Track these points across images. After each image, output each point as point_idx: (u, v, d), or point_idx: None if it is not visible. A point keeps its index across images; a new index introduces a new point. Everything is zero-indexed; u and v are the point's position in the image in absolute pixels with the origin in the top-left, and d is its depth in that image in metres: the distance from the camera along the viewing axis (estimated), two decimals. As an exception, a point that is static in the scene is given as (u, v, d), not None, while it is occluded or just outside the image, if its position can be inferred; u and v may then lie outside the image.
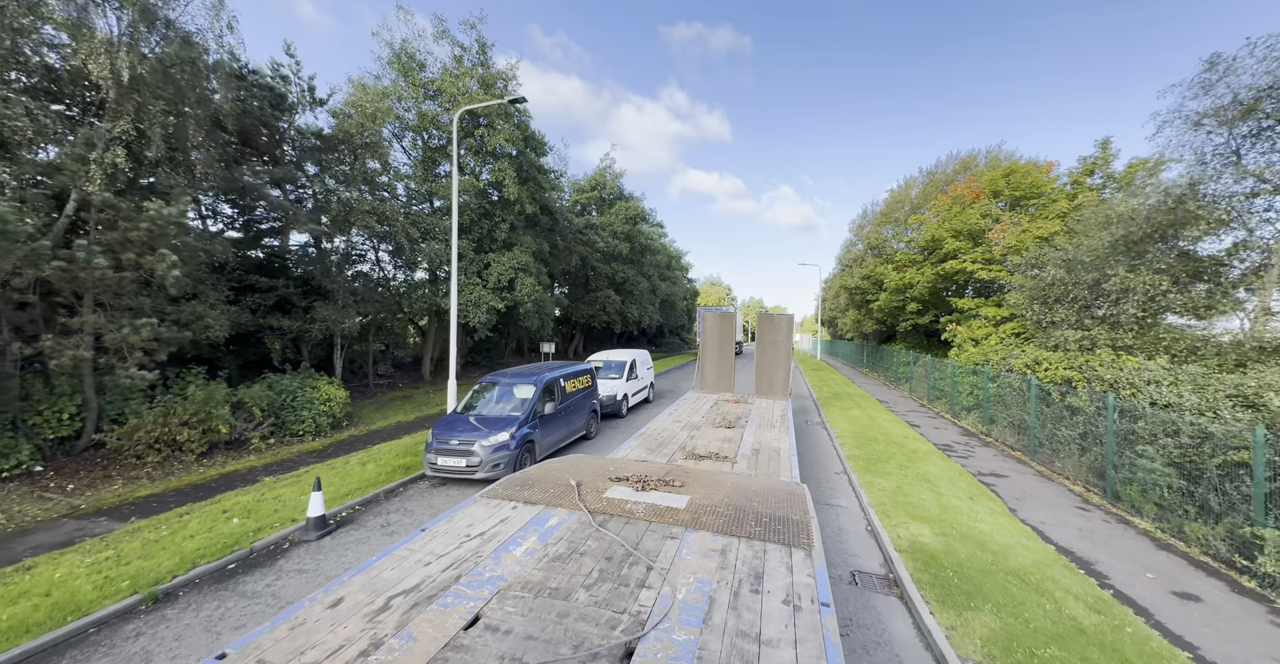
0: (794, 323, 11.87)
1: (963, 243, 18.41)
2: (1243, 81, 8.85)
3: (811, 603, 2.44)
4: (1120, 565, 6.34)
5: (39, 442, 8.58)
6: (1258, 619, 5.18)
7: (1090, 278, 10.67)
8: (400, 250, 17.30)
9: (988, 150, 24.50)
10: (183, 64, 9.76)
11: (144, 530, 6.62)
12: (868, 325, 28.98)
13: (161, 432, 9.43)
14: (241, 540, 6.37)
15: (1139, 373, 9.25)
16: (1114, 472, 8.61)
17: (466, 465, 8.75)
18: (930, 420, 15.64)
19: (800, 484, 4.33)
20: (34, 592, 5.03)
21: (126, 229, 8.61)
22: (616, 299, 31.27)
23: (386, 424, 13.96)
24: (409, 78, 18.08)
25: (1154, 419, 8.15)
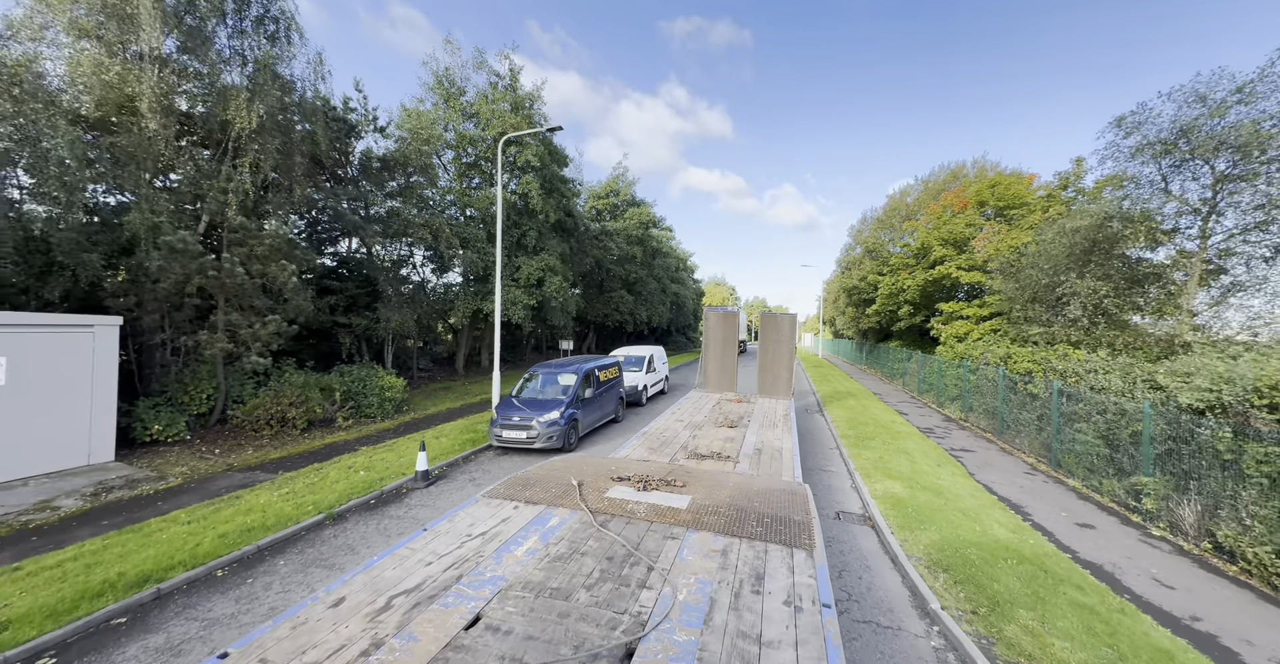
0: (797, 322, 12.11)
1: (949, 250, 20.28)
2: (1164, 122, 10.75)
3: (813, 604, 2.42)
4: (1044, 508, 8.28)
5: (186, 417, 10.67)
6: (1129, 538, 7.12)
7: (1046, 283, 12.57)
8: (442, 257, 19.36)
9: (974, 160, 26.35)
10: (289, 110, 11.86)
11: (297, 479, 8.68)
12: (865, 325, 30.88)
13: (275, 410, 11.51)
14: (373, 485, 8.41)
15: (1082, 364, 11.15)
16: (1058, 444, 10.51)
17: (526, 437, 10.78)
18: (918, 409, 17.53)
19: (802, 484, 4.30)
20: (254, 510, 7.10)
21: (253, 245, 10.69)
22: (629, 299, 33.30)
23: (438, 409, 16.00)
24: (450, 102, 20.14)
25: (1089, 401, 10.03)
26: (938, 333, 20.10)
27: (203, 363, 10.95)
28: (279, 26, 11.70)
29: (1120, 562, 6.37)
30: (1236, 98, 10.06)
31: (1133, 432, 8.95)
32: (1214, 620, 5.10)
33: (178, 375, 10.68)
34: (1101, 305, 11.44)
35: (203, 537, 6.28)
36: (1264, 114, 9.79)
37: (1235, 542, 6.18)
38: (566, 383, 12.38)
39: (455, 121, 20.17)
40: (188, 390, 10.72)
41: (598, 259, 28.88)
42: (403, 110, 19.05)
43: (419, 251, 20.30)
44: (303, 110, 12.37)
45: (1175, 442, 7.90)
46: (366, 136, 16.85)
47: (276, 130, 11.34)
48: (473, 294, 19.95)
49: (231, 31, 11.28)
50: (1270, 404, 6.50)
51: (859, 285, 28.74)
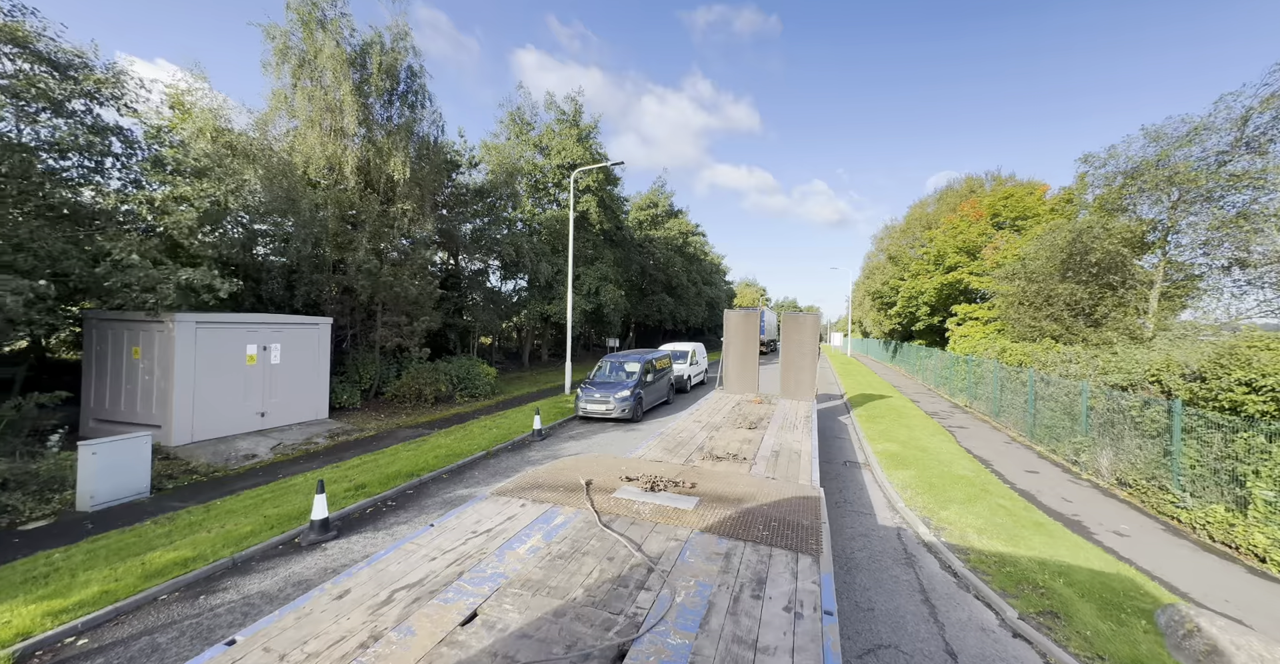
0: (820, 322, 12.24)
1: (962, 257, 22.53)
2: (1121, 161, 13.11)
3: (814, 611, 2.38)
4: (1006, 462, 10.93)
5: (358, 391, 14.51)
6: (1060, 479, 9.75)
7: (1035, 289, 15.00)
8: (517, 267, 23.03)
9: (989, 173, 28.23)
10: (423, 157, 15.62)
11: (453, 433, 12.23)
12: (888, 326, 33.01)
13: (414, 388, 15.24)
14: (506, 437, 11.85)
15: (1059, 355, 13.59)
16: (1031, 419, 13.00)
17: (604, 410, 14.08)
18: (930, 399, 19.95)
19: (817, 488, 4.26)
20: (439, 447, 10.63)
21: (408, 266, 14.42)
22: (670, 301, 36.48)
23: (520, 393, 19.57)
24: (522, 137, 23.87)
25: (1058, 384, 12.53)
26: (951, 333, 22.39)
27: (368, 351, 14.78)
28: (417, 97, 15.47)
29: (1044, 489, 9.08)
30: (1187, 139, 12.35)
31: (1086, 406, 11.46)
32: (1086, 515, 7.82)
33: (353, 361, 14.53)
34: (1078, 306, 13.83)
35: (422, 459, 9.80)
36: (1205, 152, 12.08)
37: (1124, 474, 8.79)
38: (631, 370, 15.65)
39: (528, 153, 23.87)
40: (360, 372, 14.56)
41: (642, 266, 32.21)
42: (483, 145, 22.87)
43: (494, 262, 24.09)
44: (430, 158, 16.13)
45: (1112, 412, 10.44)
46: (464, 171, 20.66)
47: (416, 175, 15.08)
48: (540, 299, 23.55)
49: (383, 104, 15.11)
50: (1157, 381, 9.05)
51: (881, 289, 30.97)
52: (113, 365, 9.80)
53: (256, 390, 11.04)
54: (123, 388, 9.76)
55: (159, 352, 9.50)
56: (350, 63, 13.46)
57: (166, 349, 9.41)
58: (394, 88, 14.90)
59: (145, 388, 9.61)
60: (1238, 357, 7.82)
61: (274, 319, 11.42)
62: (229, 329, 10.35)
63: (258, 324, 11.05)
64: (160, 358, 9.50)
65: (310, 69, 13.05)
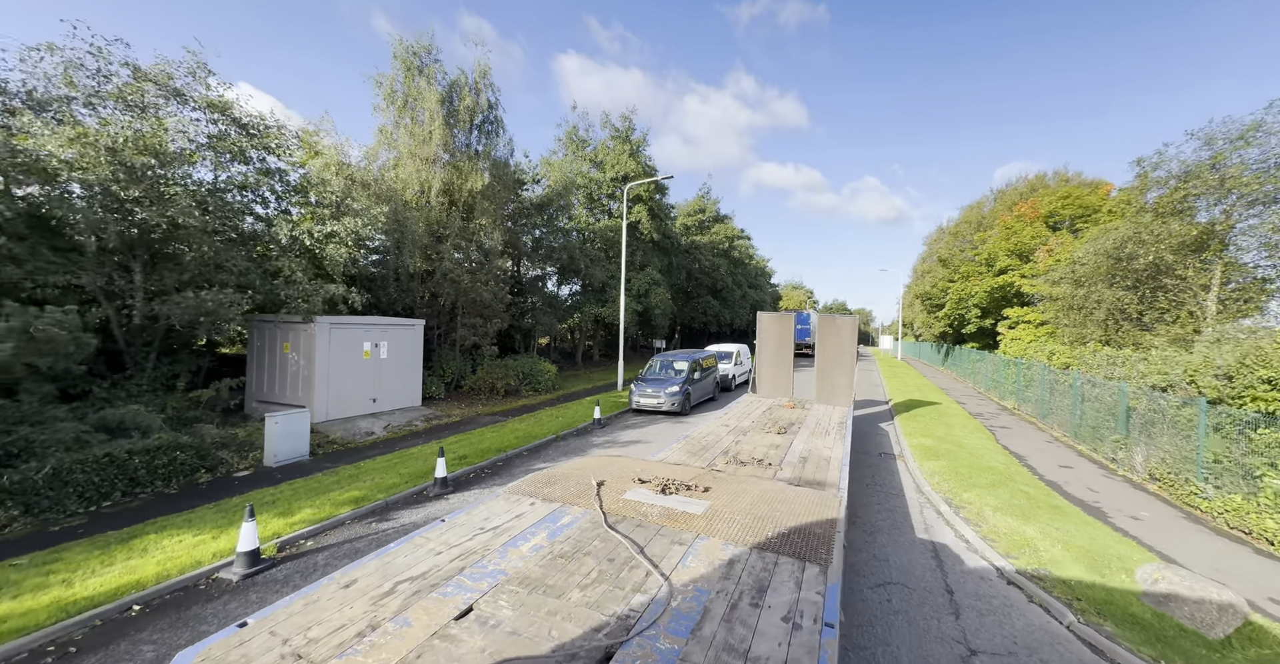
0: (857, 324, 12.34)
1: (1014, 260, 22.32)
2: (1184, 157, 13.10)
3: (814, 622, 2.33)
4: (1042, 458, 11.43)
5: (441, 384, 16.76)
6: (1093, 473, 10.24)
7: (1082, 293, 15.10)
8: (575, 272, 25.00)
9: (1055, 171, 27.43)
10: (495, 179, 17.74)
11: (525, 420, 14.08)
12: (937, 329, 32.51)
13: (487, 382, 17.34)
14: (570, 424, 13.54)
15: (1106, 358, 13.73)
16: (1077, 419, 13.24)
17: (656, 403, 15.53)
18: (978, 401, 20.02)
19: (836, 496, 4.17)
20: (517, 431, 12.45)
21: (485, 272, 16.52)
22: (715, 304, 37.57)
23: (577, 388, 21.39)
24: (578, 152, 25.88)
25: (1103, 386, 12.77)
26: (1002, 336, 22.24)
27: (450, 349, 17.02)
28: (493, 126, 17.64)
29: (1072, 481, 9.66)
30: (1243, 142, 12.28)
31: (1126, 406, 11.73)
32: (1107, 503, 8.44)
33: (438, 358, 16.81)
34: (1126, 311, 13.91)
35: (504, 439, 11.63)
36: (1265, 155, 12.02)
37: (1155, 469, 9.25)
38: (680, 368, 17.03)
39: (584, 168, 25.86)
40: (443, 367, 16.81)
41: (688, 270, 33.52)
42: (543, 161, 25.05)
43: (550, 269, 26.20)
44: (501, 178, 18.25)
45: (1153, 412, 10.75)
46: (528, 187, 22.85)
47: (489, 193, 17.22)
48: (594, 302, 25.41)
49: (465, 133, 17.34)
50: (1193, 382, 9.42)
51: (930, 292, 30.65)
52: (269, 358, 12.30)
53: (370, 380, 13.32)
54: (276, 375, 12.23)
55: (304, 347, 11.87)
56: (441, 101, 15.72)
57: (310, 345, 11.76)
58: (474, 120, 17.10)
59: (294, 376, 12.02)
60: (1261, 356, 8.19)
61: (382, 321, 13.69)
62: (351, 329, 12.65)
63: (370, 325, 13.33)
64: (305, 352, 11.86)
65: (411, 109, 15.41)
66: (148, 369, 9.90)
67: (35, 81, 8.25)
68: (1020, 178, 28.85)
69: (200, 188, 10.12)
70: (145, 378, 9.80)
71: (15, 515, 6.15)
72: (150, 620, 4.59)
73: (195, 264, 9.83)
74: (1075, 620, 4.92)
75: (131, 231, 8.66)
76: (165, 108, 9.68)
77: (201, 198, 9.86)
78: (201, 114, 10.15)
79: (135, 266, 9.45)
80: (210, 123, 10.28)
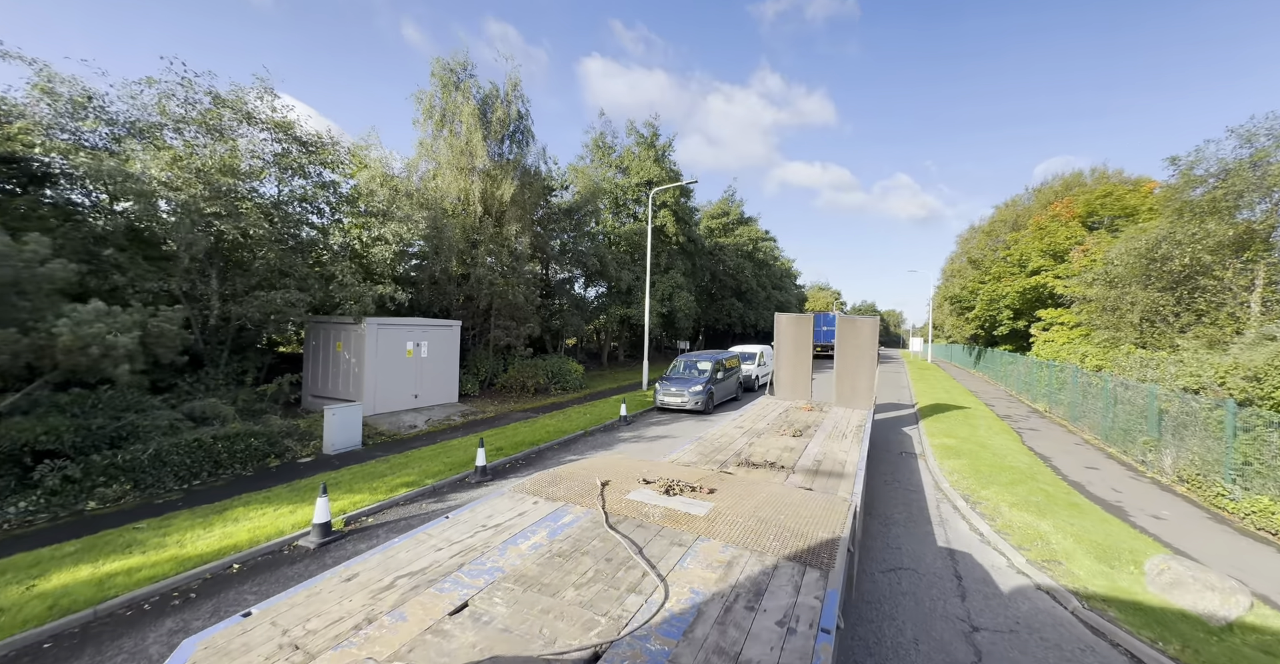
0: (878, 326, 12.21)
1: (1047, 260, 21.85)
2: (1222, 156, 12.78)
3: (810, 627, 2.32)
4: (1068, 460, 11.41)
5: (476, 382, 17.67)
6: (1120, 474, 10.21)
7: (1115, 294, 14.84)
8: (602, 275, 25.71)
9: (1093, 169, 26.63)
10: (525, 186, 18.58)
11: (555, 416, 14.78)
12: (967, 331, 31.84)
13: (519, 380, 18.16)
14: (598, 421, 14.16)
15: (1138, 360, 13.50)
16: (1108, 422, 13.07)
17: (680, 402, 16.02)
18: (1009, 404, 19.73)
19: (846, 500, 4.18)
20: (547, 427, 13.14)
21: (516, 276, 17.36)
22: (739, 306, 37.75)
23: (604, 387, 22.06)
24: (603, 159, 26.62)
25: (1136, 389, 12.59)
26: (1035, 338, 21.82)
27: (484, 349, 17.92)
28: (524, 136, 18.50)
29: (1096, 481, 9.68)
30: None
31: (1158, 407, 11.57)
32: (1129, 503, 8.50)
33: (473, 357, 17.74)
34: (1161, 313, 13.64)
35: (536, 433, 12.32)
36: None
37: (1184, 470, 9.20)
38: (704, 368, 17.46)
39: (610, 173, 26.59)
40: (478, 366, 17.72)
41: (712, 272, 33.84)
42: (571, 168, 25.86)
43: (577, 272, 26.99)
44: (531, 185, 19.09)
45: (1184, 414, 10.62)
46: (556, 193, 23.71)
47: (519, 200, 18.06)
48: (619, 304, 26.05)
49: (497, 143, 18.25)
50: (1224, 383, 9.33)
51: (960, 293, 30.09)
52: (323, 356, 13.37)
53: (412, 377, 14.26)
54: (329, 372, 13.28)
55: (354, 346, 12.87)
56: (475, 114, 16.65)
57: (359, 344, 12.75)
58: (505, 130, 17.99)
59: (345, 373, 13.04)
60: (1292, 358, 8.11)
61: (423, 322, 14.63)
62: (396, 329, 13.60)
63: (413, 326, 14.28)
64: (355, 350, 12.86)
65: (448, 122, 16.38)
66: (221, 365, 11.01)
67: (136, 111, 9.41)
68: (1057, 176, 28.12)
69: (266, 201, 11.20)
70: (219, 373, 10.90)
71: (126, 489, 7.13)
72: (248, 577, 5.38)
73: (262, 270, 10.88)
74: (1079, 605, 5.19)
75: (210, 241, 9.72)
76: (238, 129, 10.77)
77: (267, 210, 10.92)
78: (268, 134, 11.22)
79: (212, 273, 10.56)
80: (275, 141, 11.35)
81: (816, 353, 31.84)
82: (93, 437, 7.21)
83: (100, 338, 5.75)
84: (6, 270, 5.09)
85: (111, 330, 5.93)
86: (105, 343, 5.85)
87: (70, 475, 6.65)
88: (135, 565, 5.14)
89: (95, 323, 5.76)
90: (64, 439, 6.86)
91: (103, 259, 8.28)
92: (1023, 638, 4.75)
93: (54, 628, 4.23)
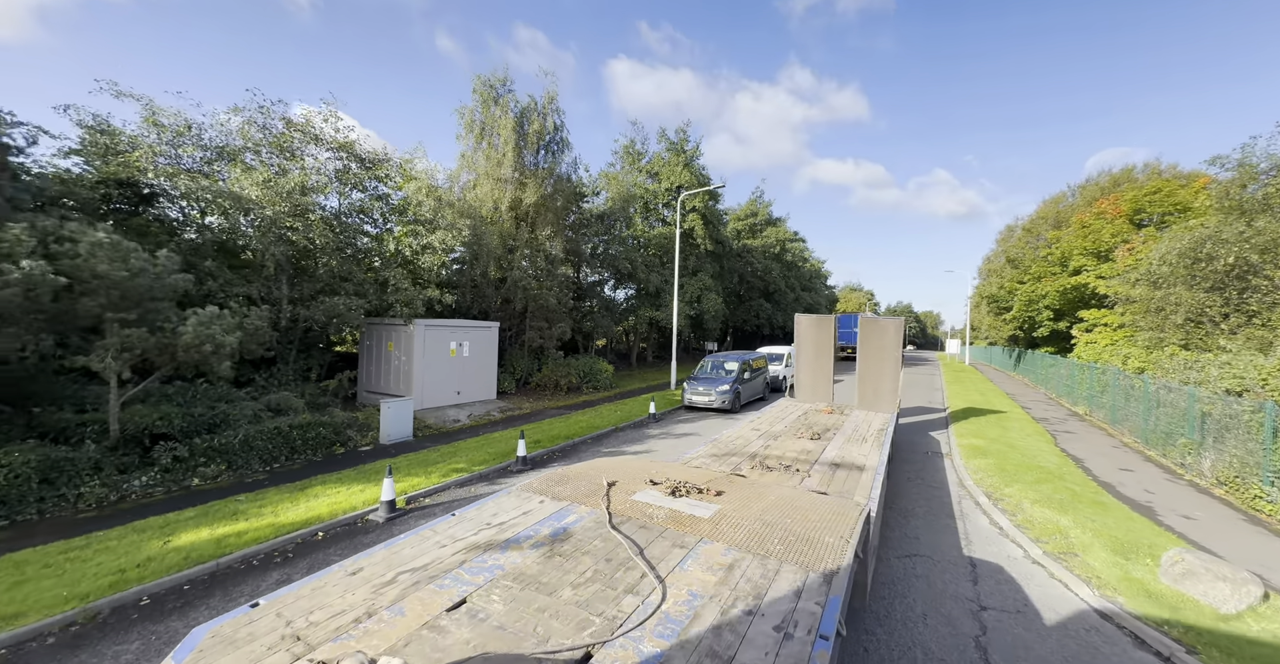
0: (903, 326, 12.04)
1: (1090, 259, 21.18)
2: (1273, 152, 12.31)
3: (808, 633, 2.29)
4: (1101, 461, 11.29)
5: (512, 380, 18.63)
6: (1155, 476, 10.08)
7: (1159, 295, 14.43)
8: (631, 278, 26.43)
9: (1146, 163, 25.55)
10: (558, 193, 19.46)
11: (587, 413, 15.51)
12: (1005, 331, 30.88)
13: (552, 379, 19.02)
14: (628, 418, 14.79)
15: (1182, 363, 13.13)
16: (1148, 424, 12.78)
17: (707, 401, 16.47)
18: (1046, 407, 19.26)
19: (858, 504, 4.13)
20: (580, 422, 13.86)
21: (550, 279, 18.22)
22: (767, 307, 37.78)
23: (633, 387, 22.71)
24: (634, 165, 27.35)
25: (1179, 391, 12.30)
26: (1076, 339, 21.19)
27: (519, 349, 18.88)
28: (559, 146, 19.39)
29: (1128, 482, 9.63)
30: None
31: (1200, 410, 11.29)
32: (1160, 503, 8.48)
33: (509, 357, 18.72)
34: (1207, 314, 13.23)
35: (570, 428, 13.05)
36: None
37: (1222, 473, 9.07)
38: (731, 368, 17.86)
39: (640, 179, 27.31)
40: (513, 365, 18.68)
41: (740, 273, 34.07)
42: (602, 174, 26.69)
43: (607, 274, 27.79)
44: (564, 192, 19.96)
45: (1227, 417, 10.38)
46: (588, 199, 24.58)
47: (552, 206, 18.94)
48: (648, 306, 26.69)
49: (533, 153, 19.20)
50: (1266, 384, 9.14)
51: (997, 293, 29.28)
52: (376, 355, 14.52)
53: (455, 375, 15.26)
54: (381, 370, 14.42)
55: (404, 345, 13.94)
56: (514, 127, 17.63)
57: (409, 344, 13.80)
58: (541, 141, 18.93)
59: (395, 370, 14.13)
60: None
61: (465, 324, 15.63)
62: (441, 330, 14.62)
63: (455, 327, 15.29)
64: (405, 349, 13.93)
65: (488, 135, 17.42)
66: (290, 363, 12.22)
67: (223, 137, 10.70)
68: (1104, 171, 27.04)
69: (328, 213, 12.37)
70: (288, 370, 12.11)
71: (222, 469, 8.21)
72: (330, 543, 6.24)
73: (325, 276, 12.04)
74: (1090, 593, 5.44)
75: (285, 251, 10.89)
76: (306, 150, 11.97)
77: (330, 221, 12.07)
78: (331, 153, 12.40)
79: (283, 279, 11.77)
80: (337, 159, 12.52)
81: (848, 354, 31.61)
82: (195, 423, 8.33)
83: (214, 337, 6.78)
84: (146, 280, 6.18)
85: (221, 330, 6.96)
86: (216, 341, 6.87)
87: (179, 455, 7.75)
88: (241, 530, 6.08)
89: (211, 324, 6.79)
90: (174, 424, 7.98)
91: (200, 268, 9.48)
92: (1029, 617, 5.06)
93: (189, 575, 5.16)
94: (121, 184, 9.25)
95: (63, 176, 8.65)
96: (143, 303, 6.26)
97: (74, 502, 6.66)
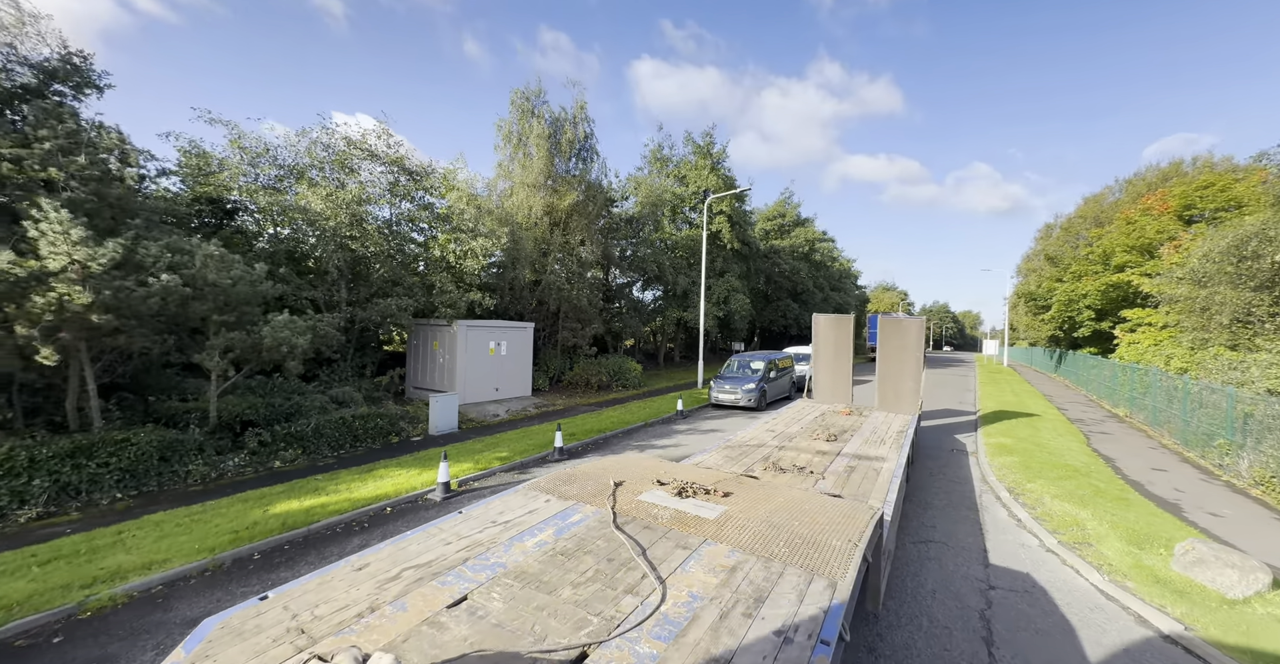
0: (924, 326, 11.89)
1: (1133, 256, 20.52)
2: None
3: (808, 638, 2.26)
4: (1133, 461, 11.20)
5: (545, 378, 19.55)
6: (1189, 476, 10.00)
7: (1204, 294, 14.04)
8: (659, 280, 27.06)
9: (1194, 157, 24.48)
10: (589, 199, 20.27)
11: (618, 409, 16.21)
12: (1044, 331, 29.93)
13: (583, 377, 19.83)
14: (658, 414, 15.39)
15: (1226, 363, 12.80)
16: (1187, 425, 12.52)
17: (733, 399, 16.92)
18: (1085, 408, 18.81)
19: (871, 507, 4.06)
20: (611, 418, 14.57)
21: (582, 281, 19.04)
22: (795, 307, 37.72)
23: (660, 386, 23.30)
24: (661, 169, 27.98)
25: (1221, 392, 12.03)
26: (1119, 340, 20.57)
27: (552, 349, 19.79)
28: (589, 153, 20.23)
29: (1158, 481, 9.61)
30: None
31: (1243, 410, 11.05)
32: (1189, 501, 8.49)
33: (543, 356, 19.65)
34: (1255, 313, 12.85)
35: (602, 423, 13.75)
36: None
37: (1260, 472, 8.98)
38: (756, 368, 18.25)
39: (667, 183, 27.93)
40: (547, 364, 19.60)
41: (768, 274, 34.21)
42: (630, 179, 27.42)
43: (636, 276, 28.49)
44: (594, 197, 20.77)
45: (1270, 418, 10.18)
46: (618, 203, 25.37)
47: (583, 211, 19.76)
48: (676, 306, 27.25)
49: (564, 160, 20.08)
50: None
51: (1035, 291, 28.46)
52: (422, 353, 15.63)
53: (493, 373, 16.23)
54: (427, 367, 15.51)
55: (448, 344, 14.98)
56: (547, 137, 18.54)
57: (453, 343, 14.83)
58: (572, 149, 19.80)
59: (440, 367, 15.19)
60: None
61: (503, 324, 16.59)
62: (481, 330, 15.61)
63: (494, 327, 16.26)
64: (449, 348, 14.96)
65: (524, 145, 18.40)
66: (348, 360, 13.38)
67: (292, 157, 11.96)
68: (1151, 167, 25.93)
69: (381, 222, 13.50)
70: (347, 367, 13.28)
71: (298, 454, 9.28)
72: (398, 516, 7.11)
73: (379, 281, 13.14)
74: (1100, 578, 5.73)
75: (345, 258, 12.02)
76: (362, 165, 13.12)
77: (383, 230, 13.18)
78: (384, 167, 13.53)
79: (342, 283, 12.93)
80: (389, 173, 13.64)
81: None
82: (274, 412, 9.44)
83: (289, 340, 7.80)
84: (244, 288, 7.23)
85: (294, 333, 7.98)
86: (290, 343, 7.89)
87: (264, 440, 8.84)
88: (324, 502, 7.01)
89: (285, 328, 7.82)
90: (259, 413, 9.09)
91: (275, 276, 10.66)
92: (1035, 596, 5.41)
93: (287, 537, 6.09)
94: (211, 201, 10.52)
95: (164, 196, 9.97)
96: (239, 307, 7.31)
97: (184, 477, 7.78)
